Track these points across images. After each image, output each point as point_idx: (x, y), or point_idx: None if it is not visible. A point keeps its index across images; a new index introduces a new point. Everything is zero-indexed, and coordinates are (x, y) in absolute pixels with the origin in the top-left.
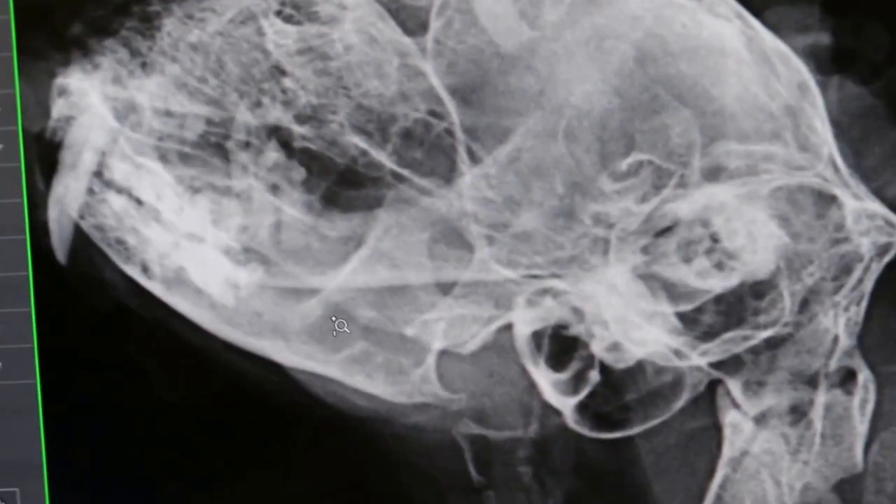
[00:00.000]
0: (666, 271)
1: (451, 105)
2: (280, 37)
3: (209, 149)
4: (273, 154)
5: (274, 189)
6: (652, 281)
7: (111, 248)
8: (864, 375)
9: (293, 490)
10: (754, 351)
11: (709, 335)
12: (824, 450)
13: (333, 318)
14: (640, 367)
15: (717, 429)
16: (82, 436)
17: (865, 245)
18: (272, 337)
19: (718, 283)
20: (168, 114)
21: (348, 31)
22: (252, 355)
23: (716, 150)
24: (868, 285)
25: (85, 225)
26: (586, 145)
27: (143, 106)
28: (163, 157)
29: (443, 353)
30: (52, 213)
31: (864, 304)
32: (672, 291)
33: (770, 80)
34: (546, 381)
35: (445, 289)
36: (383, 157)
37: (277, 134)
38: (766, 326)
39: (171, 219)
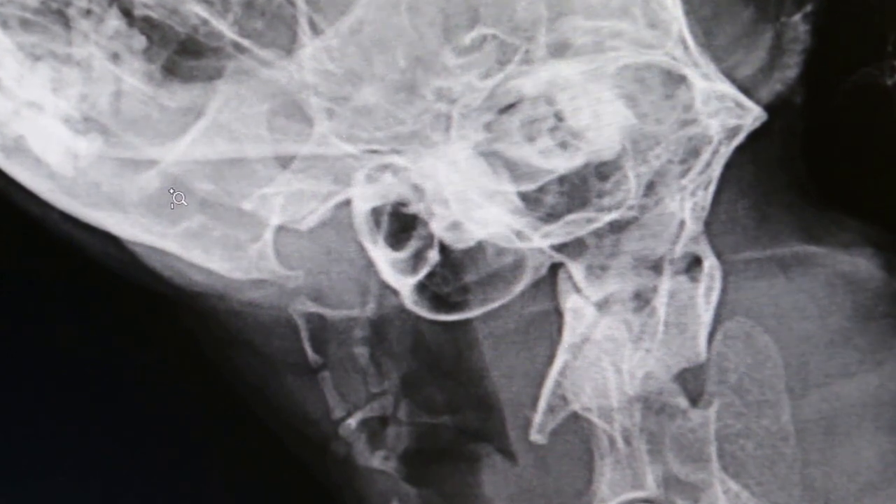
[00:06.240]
0: (509, 149)
1: None
2: None
3: (50, 16)
4: (114, 22)
5: (114, 58)
6: (494, 159)
7: None
8: (709, 262)
9: (125, 362)
10: (598, 234)
11: (551, 217)
12: (667, 338)
13: (171, 191)
14: (480, 248)
15: (558, 313)
16: None
17: (714, 127)
18: (110, 208)
19: (562, 163)
20: None
21: None
22: (90, 227)
23: (562, 26)
24: (716, 169)
25: None
26: (430, 18)
27: None
28: (4, 24)
29: (280, 229)
30: None
31: (712, 188)
32: (515, 170)
33: None
34: (384, 260)
35: (284, 163)
36: (224, 27)
37: (119, 1)
38: (610, 209)
39: (11, 86)
